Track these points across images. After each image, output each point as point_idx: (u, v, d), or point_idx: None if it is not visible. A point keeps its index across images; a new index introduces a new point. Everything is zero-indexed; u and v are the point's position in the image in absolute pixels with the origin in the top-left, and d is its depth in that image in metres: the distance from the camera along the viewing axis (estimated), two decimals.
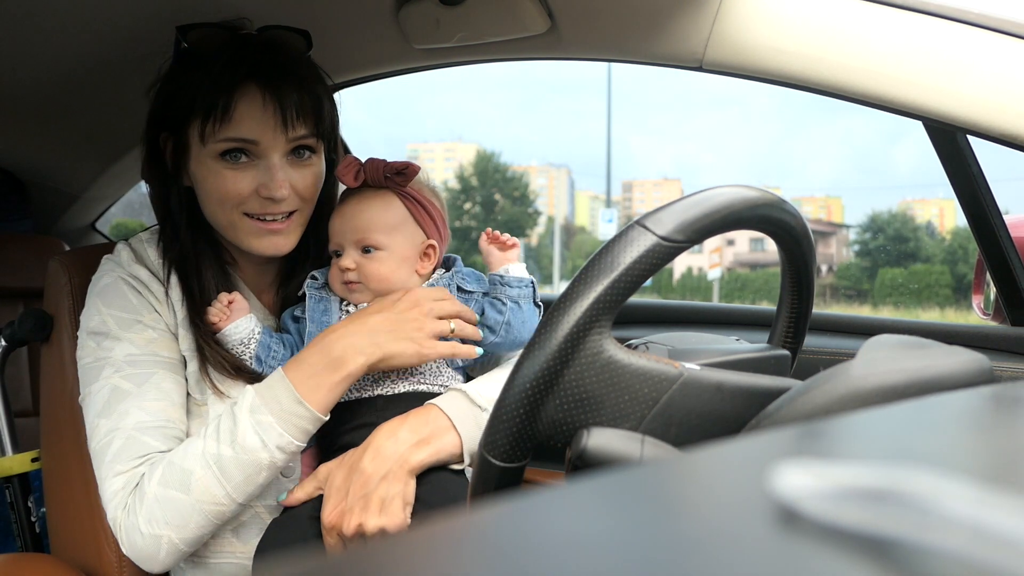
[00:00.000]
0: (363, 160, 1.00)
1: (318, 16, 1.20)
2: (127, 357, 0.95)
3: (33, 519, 1.40)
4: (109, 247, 1.19)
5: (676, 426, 0.57)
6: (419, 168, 1.02)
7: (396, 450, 0.88)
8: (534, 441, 0.58)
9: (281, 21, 1.03)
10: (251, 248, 0.99)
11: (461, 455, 0.91)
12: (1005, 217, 1.17)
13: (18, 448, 1.43)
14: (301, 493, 0.93)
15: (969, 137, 1.09)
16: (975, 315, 1.36)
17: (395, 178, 0.99)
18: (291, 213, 0.98)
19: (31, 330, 1.18)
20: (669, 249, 0.56)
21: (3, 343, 1.37)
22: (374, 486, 0.86)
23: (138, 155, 1.06)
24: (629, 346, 0.62)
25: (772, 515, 0.25)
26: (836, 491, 0.24)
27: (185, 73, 0.96)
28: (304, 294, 1.03)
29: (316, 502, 0.91)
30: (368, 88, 1.50)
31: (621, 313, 0.56)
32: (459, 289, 1.00)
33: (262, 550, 0.91)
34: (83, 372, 0.98)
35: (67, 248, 2.03)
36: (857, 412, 0.43)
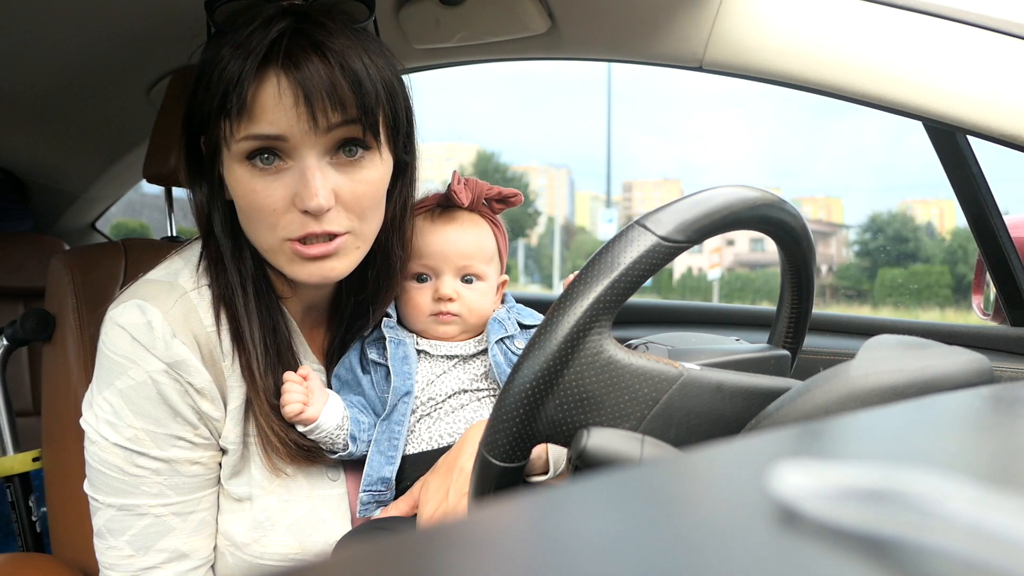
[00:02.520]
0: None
1: None
2: (170, 484, 0.82)
3: (34, 519, 1.41)
4: (110, 246, 1.19)
5: (676, 426, 0.57)
6: (522, 197, 0.96)
7: None
8: (534, 441, 0.58)
9: None
10: (295, 276, 0.81)
11: (547, 462, 0.83)
12: (1005, 217, 1.17)
13: (19, 448, 1.43)
14: (395, 511, 0.85)
15: (969, 137, 1.09)
16: (975, 315, 1.36)
17: (494, 204, 0.94)
18: (338, 236, 0.79)
19: (33, 330, 1.18)
20: (669, 249, 0.56)
21: (5, 343, 1.38)
22: None
23: (138, 155, 1.05)
24: (629, 346, 0.62)
25: (772, 515, 0.25)
26: (836, 491, 0.24)
27: (211, 59, 0.78)
28: (366, 337, 0.94)
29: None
30: None
31: (621, 313, 0.56)
32: (520, 325, 0.95)
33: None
34: (101, 478, 0.82)
35: (67, 248, 2.03)
36: (857, 412, 0.43)
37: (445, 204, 0.94)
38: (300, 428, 0.85)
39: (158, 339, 0.79)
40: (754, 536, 0.24)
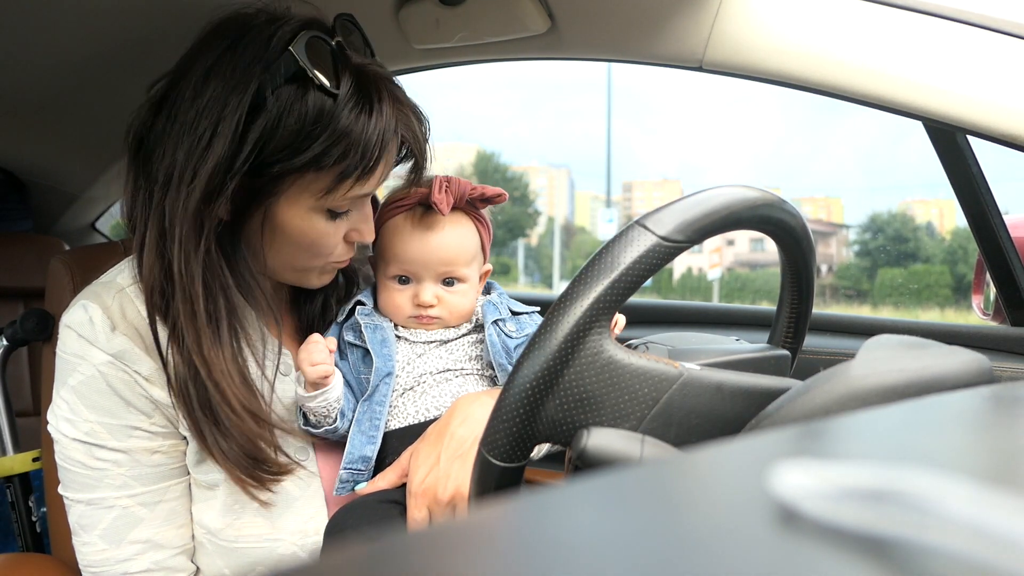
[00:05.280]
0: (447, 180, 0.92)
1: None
2: (133, 475, 0.84)
3: (34, 519, 1.41)
4: (110, 246, 1.19)
5: (676, 426, 0.57)
6: (507, 195, 0.95)
7: (485, 414, 0.79)
8: (534, 441, 0.58)
9: None
10: (316, 286, 0.91)
11: None
12: (1005, 217, 1.17)
13: (19, 448, 1.43)
14: (383, 482, 0.85)
15: (969, 137, 1.09)
16: (975, 315, 1.36)
17: (478, 202, 0.94)
18: None
19: (33, 330, 1.18)
20: (669, 249, 0.56)
21: (5, 343, 1.38)
22: (468, 448, 0.80)
23: None
24: (629, 346, 0.62)
25: (772, 515, 0.25)
26: (836, 491, 0.24)
27: (306, 104, 0.76)
28: (343, 323, 0.95)
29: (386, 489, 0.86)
30: None
31: (621, 313, 0.56)
32: (511, 312, 0.96)
33: (330, 534, 0.86)
34: (68, 475, 0.85)
35: (67, 248, 2.03)
36: (857, 412, 0.43)
37: (427, 204, 0.92)
38: (308, 393, 0.85)
39: (99, 333, 0.83)
40: (754, 536, 0.24)
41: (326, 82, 0.76)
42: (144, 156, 0.85)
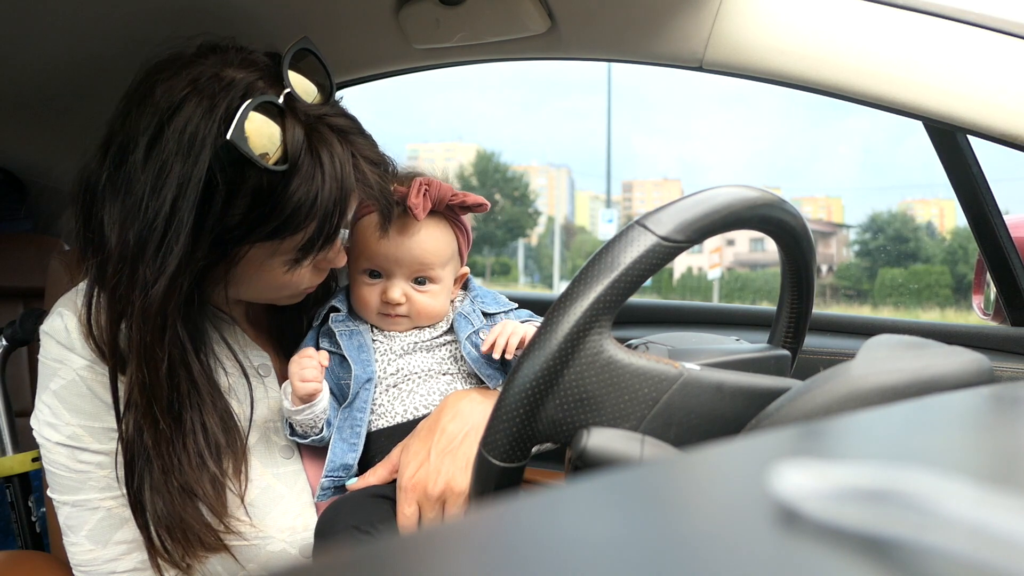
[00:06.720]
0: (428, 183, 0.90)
1: (318, 16, 1.20)
2: (116, 477, 0.84)
3: (33, 519, 1.41)
4: None
5: (676, 426, 0.57)
6: (488, 205, 0.94)
7: (475, 410, 0.84)
8: (534, 441, 0.58)
9: (282, 21, 1.02)
10: (281, 304, 0.92)
11: None
12: (1005, 217, 1.17)
13: (18, 448, 1.43)
14: (374, 478, 0.86)
15: (969, 137, 1.09)
16: (975, 315, 1.36)
17: (458, 209, 0.93)
18: None
19: (32, 330, 1.18)
20: (669, 249, 0.56)
21: (4, 343, 1.38)
22: (459, 443, 0.82)
23: None
24: (629, 346, 0.62)
25: (772, 515, 0.25)
26: (836, 491, 0.24)
27: (258, 181, 0.75)
28: (320, 327, 0.95)
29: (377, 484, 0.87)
30: (368, 88, 1.50)
31: (621, 313, 0.56)
32: (483, 313, 0.96)
33: (320, 533, 0.86)
34: (54, 478, 0.86)
35: (67, 248, 2.03)
36: (857, 412, 0.43)
37: (405, 204, 0.90)
38: (294, 407, 0.85)
39: (75, 340, 0.84)
40: (754, 536, 0.24)
41: (271, 166, 0.74)
42: (95, 215, 0.84)
